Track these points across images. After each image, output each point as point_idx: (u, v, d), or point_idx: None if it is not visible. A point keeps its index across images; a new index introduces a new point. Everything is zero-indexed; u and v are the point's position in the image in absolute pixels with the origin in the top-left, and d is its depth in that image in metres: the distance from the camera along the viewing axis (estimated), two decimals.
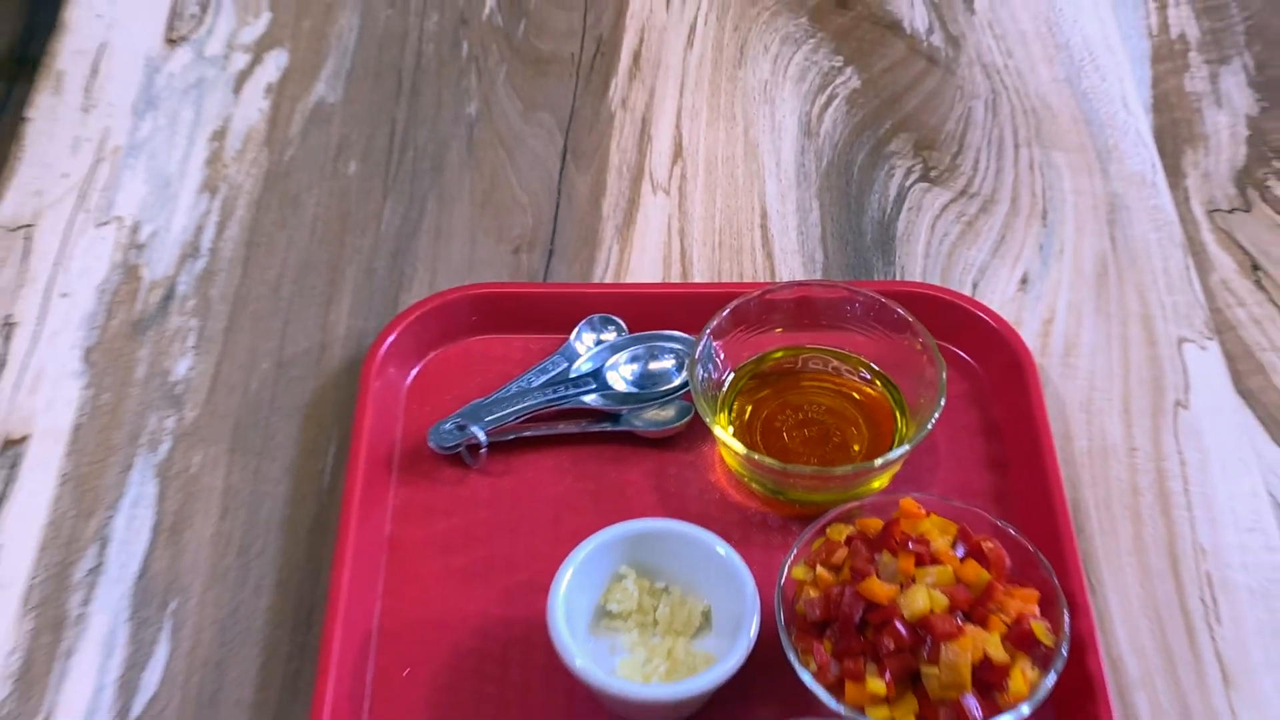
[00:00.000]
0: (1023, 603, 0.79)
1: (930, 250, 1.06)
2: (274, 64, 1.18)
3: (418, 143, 1.14)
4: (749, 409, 0.94)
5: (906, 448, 0.87)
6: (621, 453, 0.94)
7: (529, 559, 0.88)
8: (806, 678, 0.78)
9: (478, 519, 0.92)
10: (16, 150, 1.11)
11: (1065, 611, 0.79)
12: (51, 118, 1.14)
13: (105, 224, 1.07)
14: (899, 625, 0.77)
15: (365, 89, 1.17)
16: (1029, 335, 1.00)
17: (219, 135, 1.13)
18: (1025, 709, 0.76)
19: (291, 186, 1.10)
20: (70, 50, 1.19)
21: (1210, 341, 1.01)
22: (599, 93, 1.17)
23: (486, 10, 1.24)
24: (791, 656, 0.79)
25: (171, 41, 1.20)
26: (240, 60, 1.19)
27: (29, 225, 1.06)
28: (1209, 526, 0.91)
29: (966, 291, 1.03)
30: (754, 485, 0.92)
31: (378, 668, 0.85)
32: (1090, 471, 0.94)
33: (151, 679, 0.85)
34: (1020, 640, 0.78)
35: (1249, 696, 0.84)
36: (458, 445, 0.93)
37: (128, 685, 0.85)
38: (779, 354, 0.96)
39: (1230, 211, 1.09)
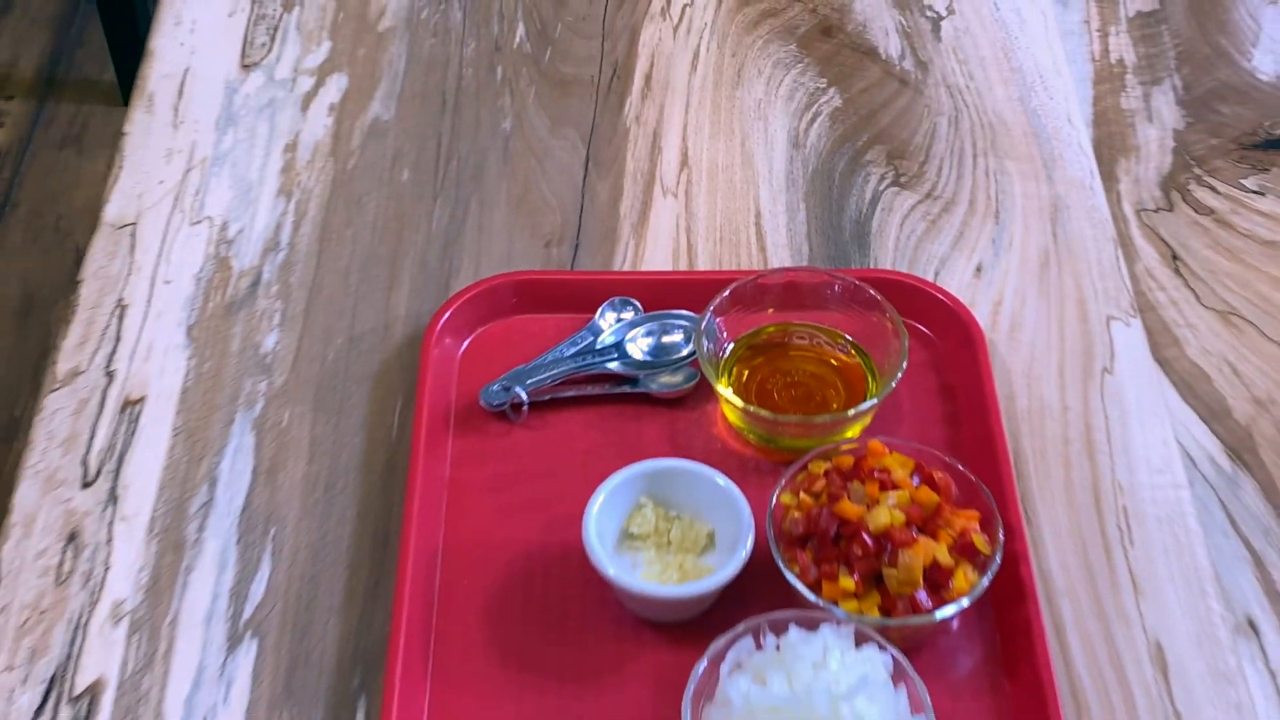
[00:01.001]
0: (966, 520, 0.98)
1: (899, 244, 1.25)
2: (335, 86, 1.37)
3: (461, 154, 1.32)
4: (746, 374, 1.13)
5: (875, 401, 1.07)
6: (639, 410, 1.13)
7: (563, 496, 1.06)
8: (792, 579, 0.97)
9: (521, 464, 1.10)
10: (118, 160, 1.30)
11: (1000, 528, 0.98)
12: (146, 133, 1.33)
13: (198, 223, 1.25)
14: (866, 536, 0.96)
15: (414, 108, 1.36)
16: (981, 315, 1.18)
17: (291, 147, 1.32)
18: (965, 601, 0.95)
19: (354, 191, 1.29)
20: (159, 75, 1.37)
21: (1134, 319, 1.19)
22: (616, 110, 1.36)
23: (517, 39, 1.43)
24: (780, 563, 0.97)
25: (246, 67, 1.38)
26: (306, 83, 1.37)
27: (133, 224, 1.25)
28: (1126, 469, 1.10)
29: (929, 278, 1.21)
30: (750, 436, 1.11)
31: (443, 581, 1.03)
32: (1029, 425, 1.12)
33: (258, 590, 1.03)
34: (963, 549, 0.97)
35: (1154, 603, 1.03)
36: (504, 404, 1.12)
37: (239, 594, 1.03)
38: (771, 329, 1.14)
39: (1155, 211, 1.28)
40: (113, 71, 2.74)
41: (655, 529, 1.03)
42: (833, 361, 1.13)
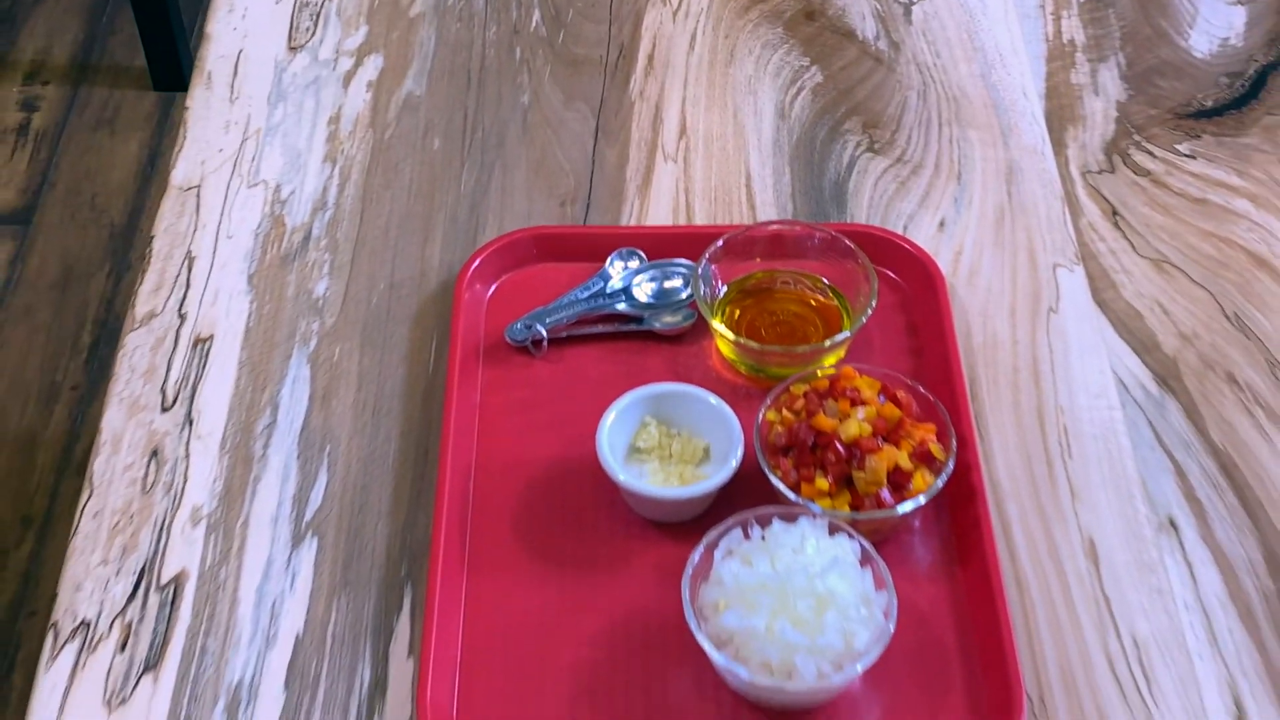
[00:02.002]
0: (924, 432, 1.15)
1: (873, 203, 1.42)
2: (372, 65, 1.54)
3: (485, 125, 1.49)
4: (737, 313, 1.29)
5: (848, 333, 1.23)
6: (644, 346, 1.28)
7: (578, 417, 1.20)
8: (775, 481, 1.13)
9: (541, 391, 1.26)
10: (183, 131, 1.47)
11: (953, 438, 1.15)
12: (206, 107, 1.49)
13: (255, 185, 1.42)
14: (838, 445, 1.13)
15: (443, 85, 1.53)
16: (943, 263, 1.35)
17: (334, 120, 1.49)
18: (922, 499, 1.12)
19: (391, 158, 1.46)
20: (215, 56, 1.54)
21: (1077, 266, 1.36)
22: (622, 86, 1.53)
23: (533, 24, 1.59)
24: (765, 469, 1.14)
25: (293, 49, 1.55)
26: (346, 63, 1.54)
27: (197, 186, 1.42)
28: (1067, 393, 1.26)
29: (899, 231, 1.38)
30: (740, 366, 1.27)
31: (476, 488, 1.19)
32: (984, 357, 1.29)
33: (317, 496, 1.20)
34: (921, 456, 1.14)
35: (1088, 505, 1.19)
36: (526, 340, 1.28)
37: (300, 501, 1.20)
38: (759, 275, 1.30)
39: (1099, 173, 1.44)
40: (143, 57, 2.88)
41: (658, 444, 1.19)
42: (812, 302, 1.29)
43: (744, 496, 1.15)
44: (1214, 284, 1.33)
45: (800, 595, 1.04)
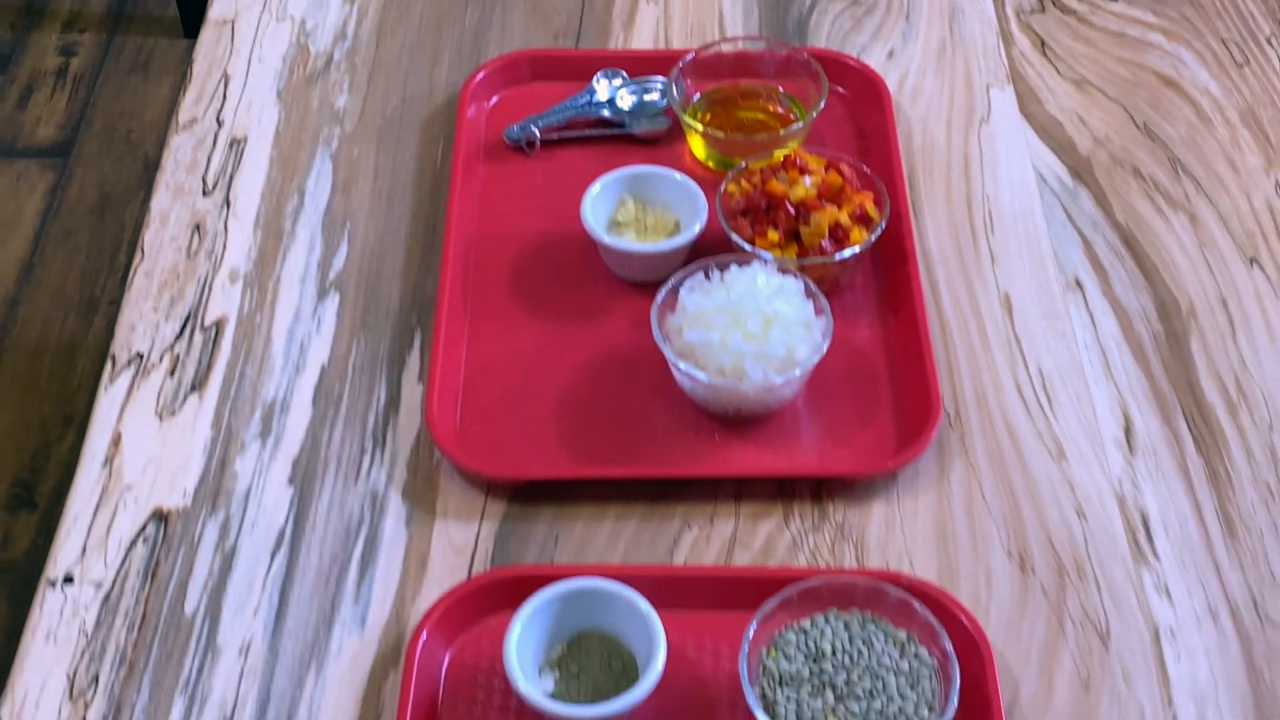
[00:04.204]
0: (863, 198, 1.33)
1: (830, 36, 1.60)
2: None
3: None
4: (708, 117, 1.47)
5: (801, 123, 1.42)
6: (626, 147, 1.46)
7: (565, 204, 1.38)
8: (733, 236, 1.31)
9: (534, 183, 1.44)
10: None
11: (887, 203, 1.33)
12: None
13: (283, 20, 1.61)
14: (788, 205, 1.32)
15: None
16: (890, 84, 1.52)
17: None
18: (857, 249, 1.30)
19: (404, 1, 1.65)
20: None
21: (1007, 86, 1.54)
22: None
23: None
24: (725, 227, 1.33)
25: None
26: None
27: (232, 20, 1.61)
28: (994, 184, 1.45)
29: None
30: (710, 163, 1.46)
31: (477, 254, 1.37)
32: (922, 157, 1.47)
33: (339, 261, 1.39)
34: (860, 217, 1.32)
35: (1006, 269, 1.37)
36: (521, 139, 1.47)
37: (324, 265, 1.38)
38: (725, 88, 1.50)
39: (1031, 12, 1.63)
40: (175, 8, 3.06)
41: (635, 218, 1.38)
42: (772, 109, 1.48)
43: (710, 249, 1.32)
44: (1127, 100, 1.52)
45: (750, 316, 1.22)
